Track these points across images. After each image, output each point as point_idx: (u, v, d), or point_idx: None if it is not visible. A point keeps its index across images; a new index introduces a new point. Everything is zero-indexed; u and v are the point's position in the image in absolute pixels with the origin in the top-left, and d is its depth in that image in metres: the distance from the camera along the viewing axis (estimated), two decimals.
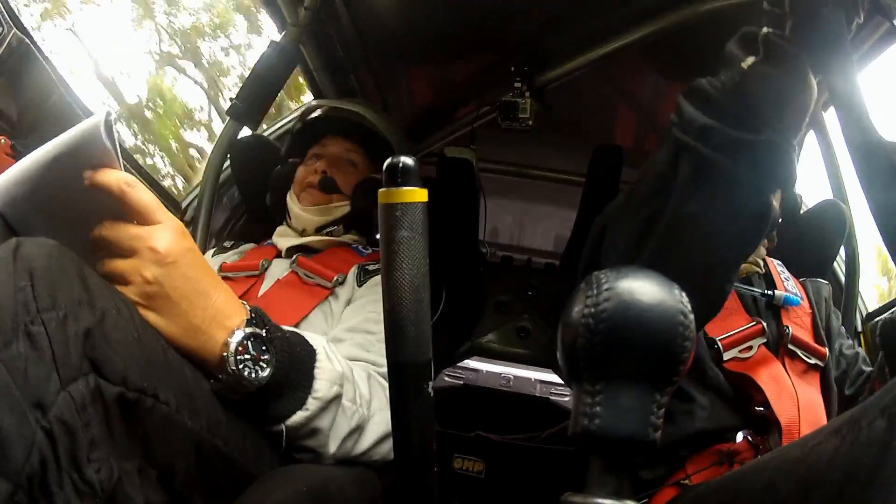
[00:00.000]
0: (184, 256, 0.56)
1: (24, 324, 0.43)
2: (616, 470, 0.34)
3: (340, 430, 0.67)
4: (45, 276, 0.45)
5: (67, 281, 0.47)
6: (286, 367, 0.61)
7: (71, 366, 0.43)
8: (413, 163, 0.42)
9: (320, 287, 0.96)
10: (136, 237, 0.55)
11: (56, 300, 0.45)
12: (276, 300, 0.93)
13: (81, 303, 0.46)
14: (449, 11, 1.35)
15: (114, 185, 0.53)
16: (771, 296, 0.89)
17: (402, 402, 0.49)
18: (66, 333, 0.44)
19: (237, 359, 0.57)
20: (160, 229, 0.56)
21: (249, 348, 0.58)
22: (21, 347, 0.42)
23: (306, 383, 0.63)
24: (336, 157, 1.10)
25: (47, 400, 0.41)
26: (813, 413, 0.77)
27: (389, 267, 0.43)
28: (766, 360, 0.81)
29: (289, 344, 0.63)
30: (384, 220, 0.43)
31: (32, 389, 0.41)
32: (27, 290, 0.44)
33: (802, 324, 0.88)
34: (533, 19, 1.36)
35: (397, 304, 0.45)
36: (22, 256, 0.46)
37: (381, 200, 0.43)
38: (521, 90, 1.46)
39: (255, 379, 0.58)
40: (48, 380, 0.42)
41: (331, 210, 1.07)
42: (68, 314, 0.45)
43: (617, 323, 0.33)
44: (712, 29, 1.32)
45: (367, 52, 1.53)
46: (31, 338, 0.42)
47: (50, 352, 0.43)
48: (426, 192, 0.43)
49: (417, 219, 0.42)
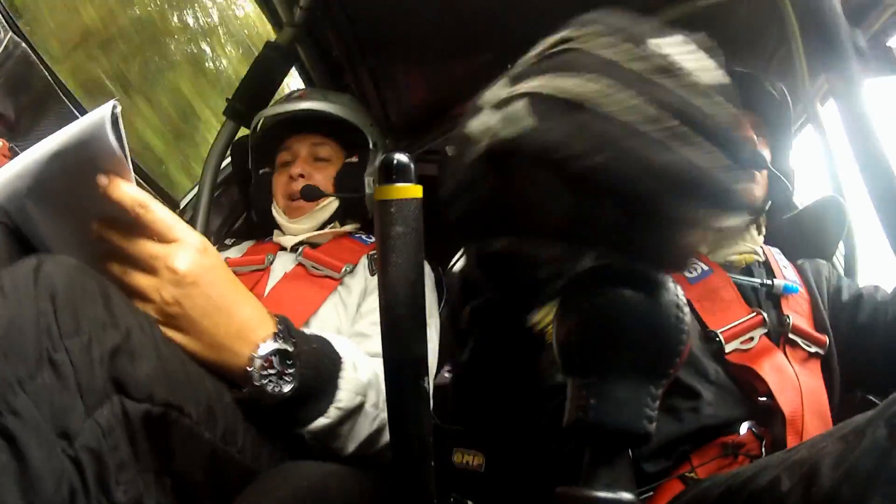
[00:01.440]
0: (205, 275, 0.55)
1: (47, 350, 0.42)
2: (610, 462, 0.34)
3: (360, 434, 0.67)
4: (68, 298, 0.44)
5: (90, 302, 0.46)
6: (310, 378, 0.60)
7: (96, 391, 0.43)
8: (407, 159, 0.42)
9: (329, 279, 0.95)
10: (155, 256, 0.54)
11: (79, 324, 0.44)
12: (286, 295, 0.92)
13: (105, 325, 0.46)
14: (445, 9, 1.35)
15: (128, 206, 0.52)
16: (770, 285, 0.88)
17: (398, 398, 0.49)
18: (90, 358, 0.43)
19: (261, 374, 0.56)
20: (179, 248, 0.54)
21: (275, 363, 0.57)
22: (46, 377, 0.41)
23: (330, 392, 0.63)
24: (307, 157, 1.09)
25: (73, 428, 0.41)
26: (816, 401, 0.76)
27: (385, 263, 0.43)
28: (768, 350, 0.80)
29: (315, 355, 0.62)
30: (379, 216, 0.43)
31: (58, 419, 0.41)
32: (49, 315, 0.43)
33: (802, 311, 0.87)
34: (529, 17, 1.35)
35: (393, 300, 0.45)
36: (43, 277, 0.44)
37: (375, 197, 0.43)
38: None
39: (277, 394, 0.57)
40: (73, 409, 0.42)
41: (320, 213, 1.06)
42: (92, 338, 0.44)
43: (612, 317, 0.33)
44: (710, 23, 1.33)
45: (363, 51, 1.53)
46: (55, 366, 0.42)
47: (74, 380, 0.42)
48: (421, 189, 0.43)
49: (412, 215, 0.42)
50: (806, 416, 0.73)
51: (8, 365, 0.40)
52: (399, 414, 0.49)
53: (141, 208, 0.53)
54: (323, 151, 1.10)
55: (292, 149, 1.11)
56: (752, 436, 0.75)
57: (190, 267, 0.54)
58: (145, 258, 0.54)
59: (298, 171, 1.06)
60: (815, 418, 0.74)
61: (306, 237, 1.05)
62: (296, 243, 1.04)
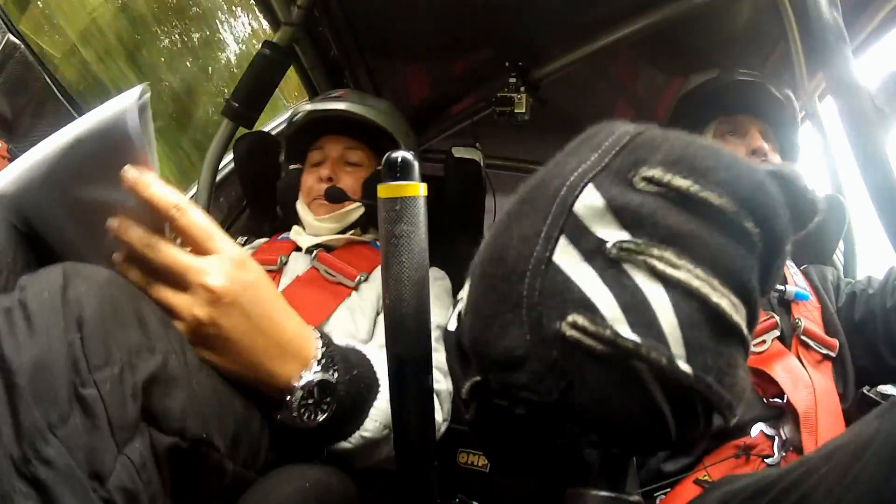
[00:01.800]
0: (244, 294, 0.49)
1: (74, 385, 0.38)
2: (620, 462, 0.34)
3: (378, 457, 0.65)
4: (98, 324, 0.40)
5: (123, 325, 0.42)
6: (345, 405, 0.58)
7: (127, 426, 0.40)
8: (412, 157, 0.42)
9: (343, 286, 0.94)
10: (189, 271, 0.48)
11: (110, 353, 0.40)
12: (298, 299, 0.89)
13: (140, 351, 0.42)
14: (442, 7, 1.34)
15: (161, 206, 0.47)
16: (783, 291, 0.89)
17: (402, 396, 0.49)
18: (122, 393, 0.40)
19: (300, 404, 0.53)
20: (216, 263, 0.49)
21: (315, 394, 0.54)
22: (77, 419, 0.38)
23: (358, 420, 0.61)
24: (337, 160, 1.07)
25: (105, 469, 0.38)
26: (830, 401, 0.77)
27: (389, 261, 0.43)
28: (780, 353, 0.81)
29: (354, 385, 0.58)
30: (384, 214, 0.43)
31: (90, 460, 0.38)
32: (76, 346, 0.39)
33: (812, 316, 0.88)
34: (527, 14, 1.35)
35: (397, 298, 0.45)
36: (70, 301, 0.40)
37: (380, 195, 0.43)
38: (517, 85, 1.46)
39: (309, 421, 0.54)
40: (104, 449, 0.38)
41: (345, 215, 1.05)
42: (125, 368, 0.41)
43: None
44: (708, 21, 1.33)
45: (361, 50, 1.53)
46: (84, 404, 0.38)
47: (105, 416, 0.39)
48: (425, 187, 0.43)
49: (417, 213, 0.42)
50: (820, 416, 0.74)
51: (38, 409, 0.37)
52: (403, 412, 0.49)
53: (176, 211, 0.48)
54: (354, 156, 1.09)
55: (324, 149, 1.10)
56: (763, 437, 0.76)
57: (228, 284, 0.48)
58: (177, 272, 0.48)
59: (327, 174, 1.04)
60: (828, 417, 0.75)
61: (325, 240, 1.03)
62: (312, 245, 1.03)
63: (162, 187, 0.47)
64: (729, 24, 1.36)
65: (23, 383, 0.37)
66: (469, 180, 1.27)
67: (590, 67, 1.49)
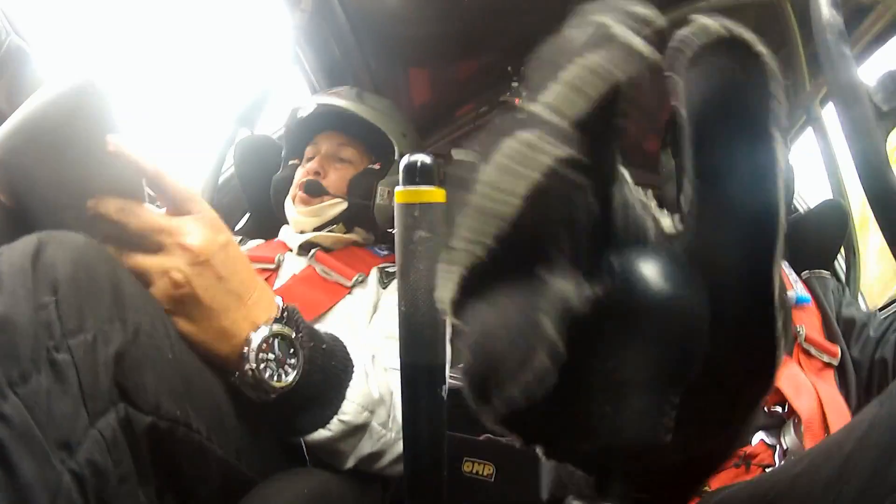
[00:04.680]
0: (218, 253, 0.49)
1: (48, 349, 0.37)
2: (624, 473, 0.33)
3: (362, 451, 0.63)
4: (72, 289, 0.39)
5: (97, 293, 0.41)
6: (315, 378, 0.55)
7: (100, 397, 0.38)
8: (431, 161, 0.41)
9: (339, 285, 0.93)
10: (165, 231, 0.47)
11: (84, 320, 0.39)
12: (294, 297, 0.88)
13: (112, 319, 0.41)
14: (446, 12, 1.34)
15: (148, 167, 0.47)
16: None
17: (414, 406, 0.48)
18: (95, 360, 0.39)
19: (259, 357, 0.50)
20: (193, 222, 0.49)
21: (275, 348, 0.52)
22: (43, 380, 0.36)
23: (336, 401, 0.58)
24: (328, 155, 1.07)
25: (74, 439, 0.37)
26: (837, 407, 0.77)
27: (406, 268, 0.42)
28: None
29: (323, 354, 0.56)
30: (401, 220, 0.42)
31: (57, 428, 0.36)
32: (51, 310, 0.38)
33: (813, 324, 0.88)
34: (529, 18, 1.35)
35: (413, 307, 0.44)
36: (44, 265, 0.39)
37: (397, 200, 0.42)
38: (519, 90, 1.46)
39: (276, 383, 0.52)
40: (76, 416, 0.37)
41: (323, 210, 1.03)
42: (97, 336, 0.39)
43: (627, 314, 0.31)
44: None
45: (363, 53, 1.53)
46: (56, 367, 0.37)
47: (77, 383, 0.37)
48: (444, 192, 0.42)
49: (436, 219, 0.41)
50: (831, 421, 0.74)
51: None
52: (415, 421, 0.49)
53: (160, 169, 0.47)
54: (346, 153, 1.08)
55: (318, 144, 1.09)
56: (764, 446, 0.76)
57: (204, 243, 0.48)
58: (154, 234, 0.47)
59: (314, 168, 1.04)
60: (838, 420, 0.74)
61: (311, 237, 1.02)
62: (302, 243, 1.02)
63: (144, 149, 0.46)
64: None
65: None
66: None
67: None
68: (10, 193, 0.49)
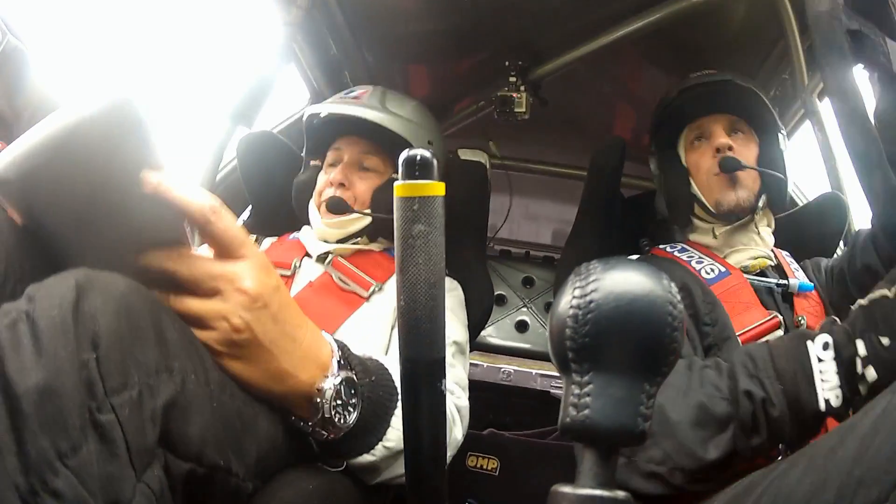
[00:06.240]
0: (273, 297, 0.48)
1: (90, 410, 0.36)
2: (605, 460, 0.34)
3: (394, 472, 0.64)
4: (114, 342, 0.38)
5: (142, 343, 0.39)
6: (368, 413, 0.57)
7: (146, 451, 0.38)
8: (430, 156, 0.41)
9: (356, 295, 0.92)
10: (221, 277, 0.46)
11: (128, 376, 0.38)
12: (310, 307, 0.88)
13: (160, 371, 0.40)
14: (442, 6, 1.34)
15: (196, 213, 0.44)
16: (786, 285, 0.90)
17: (414, 400, 0.48)
18: (141, 416, 0.38)
19: (332, 405, 0.52)
20: (248, 268, 0.47)
21: (342, 394, 0.53)
22: (91, 445, 0.35)
23: (381, 429, 0.59)
24: (351, 164, 1.03)
25: (124, 498, 0.36)
26: None
27: (405, 262, 0.42)
28: None
29: (372, 386, 0.57)
30: (400, 213, 0.42)
31: (107, 490, 0.35)
32: (92, 367, 0.36)
33: (814, 312, 0.88)
34: (527, 13, 1.35)
35: (412, 301, 0.44)
36: (84, 316, 0.37)
37: (397, 194, 0.42)
38: (517, 84, 1.46)
39: (343, 425, 0.53)
40: (123, 478, 0.36)
41: (349, 223, 1.01)
42: (143, 391, 0.38)
43: (604, 313, 0.33)
44: (708, 20, 1.33)
45: (360, 49, 1.52)
46: (100, 430, 0.36)
47: (124, 443, 0.36)
48: (444, 186, 0.42)
49: (435, 213, 0.41)
50: None
51: (46, 438, 0.34)
52: (415, 415, 0.49)
53: (213, 215, 0.45)
54: (369, 161, 1.04)
55: (341, 150, 1.06)
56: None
57: (260, 288, 0.47)
58: (208, 280, 0.46)
59: (339, 179, 1.01)
60: None
61: (333, 248, 1.01)
62: (322, 253, 1.00)
63: (190, 189, 0.44)
64: (728, 23, 1.36)
65: (28, 410, 0.34)
66: (474, 183, 1.26)
67: (590, 67, 1.49)
68: (27, 215, 0.45)
